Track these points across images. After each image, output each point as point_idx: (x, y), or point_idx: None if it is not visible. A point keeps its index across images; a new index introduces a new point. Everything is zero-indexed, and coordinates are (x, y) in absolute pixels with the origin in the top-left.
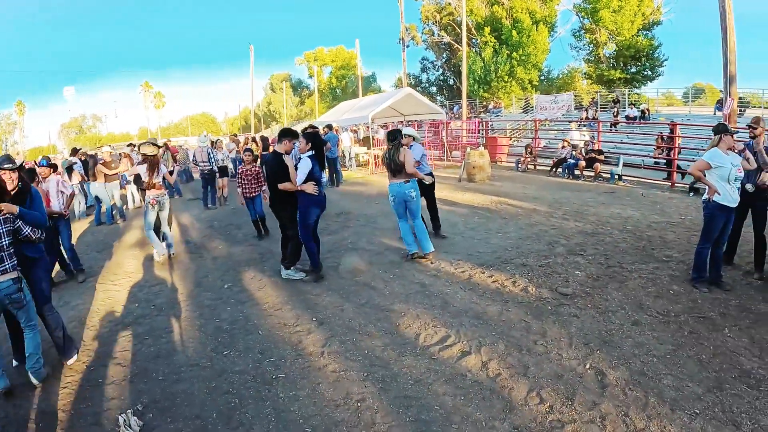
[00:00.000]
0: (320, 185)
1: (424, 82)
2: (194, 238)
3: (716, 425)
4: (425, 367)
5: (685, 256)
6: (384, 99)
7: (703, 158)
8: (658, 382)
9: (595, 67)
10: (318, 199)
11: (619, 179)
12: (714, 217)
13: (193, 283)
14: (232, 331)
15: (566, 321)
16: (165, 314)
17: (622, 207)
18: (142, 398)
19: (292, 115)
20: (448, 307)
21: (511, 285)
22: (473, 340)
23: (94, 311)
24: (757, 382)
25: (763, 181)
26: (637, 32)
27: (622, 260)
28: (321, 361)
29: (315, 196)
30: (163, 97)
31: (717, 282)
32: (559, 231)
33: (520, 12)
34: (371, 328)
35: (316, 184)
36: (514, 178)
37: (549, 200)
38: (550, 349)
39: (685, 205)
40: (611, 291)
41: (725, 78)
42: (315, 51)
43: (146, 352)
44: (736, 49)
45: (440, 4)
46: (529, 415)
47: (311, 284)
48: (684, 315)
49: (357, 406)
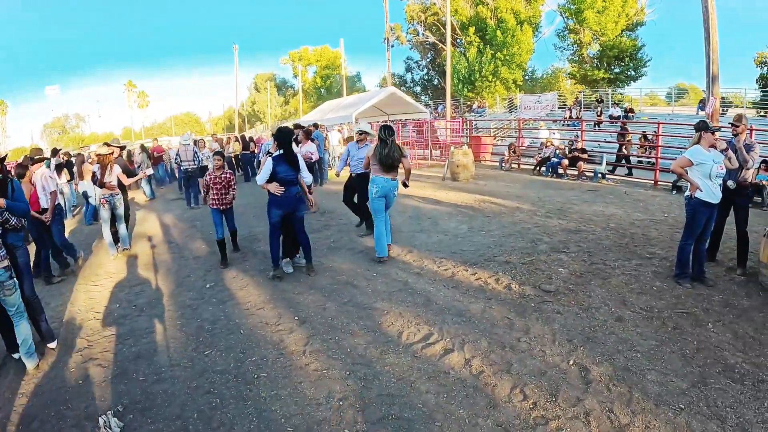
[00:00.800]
0: (291, 185)
1: (409, 82)
2: (176, 238)
3: (701, 420)
4: (408, 365)
5: (668, 253)
6: (368, 98)
7: (684, 155)
8: (642, 378)
9: (579, 67)
10: (279, 199)
11: (602, 178)
12: (696, 213)
13: (175, 283)
14: (213, 330)
15: (549, 318)
16: (146, 314)
17: (605, 205)
18: (122, 399)
19: (276, 114)
20: (431, 305)
21: (495, 282)
22: (456, 338)
23: (74, 312)
24: (742, 377)
25: (744, 177)
26: (620, 33)
27: (605, 257)
28: (303, 360)
29: (277, 196)
30: (147, 96)
31: (700, 278)
32: (543, 229)
33: (505, 12)
34: (353, 327)
35: (281, 184)
36: (498, 177)
37: (532, 198)
38: (534, 346)
39: (668, 203)
40: (594, 288)
41: (708, 77)
42: (300, 50)
43: (127, 353)
44: (719, 48)
45: (425, 4)
46: (512, 412)
47: (293, 283)
48: (667, 311)
49: (339, 404)
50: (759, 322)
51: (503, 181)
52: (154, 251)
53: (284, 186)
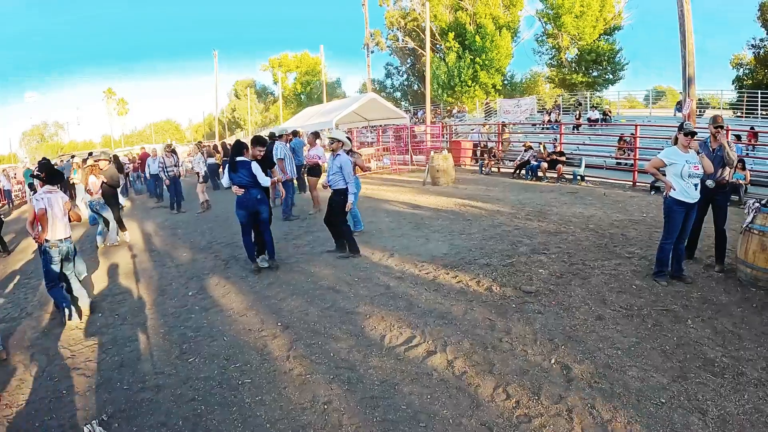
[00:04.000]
0: (249, 188)
1: (389, 88)
2: (158, 245)
3: (682, 413)
4: (391, 367)
5: (647, 252)
6: (348, 104)
7: (657, 156)
8: (623, 374)
9: (558, 71)
10: (241, 200)
11: (581, 180)
12: (672, 212)
13: (157, 291)
14: (196, 338)
15: (531, 318)
16: (129, 323)
17: (584, 206)
18: (107, 408)
19: (256, 121)
20: (413, 308)
21: (476, 285)
22: (438, 340)
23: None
24: (722, 370)
25: (723, 176)
26: (598, 37)
27: (584, 258)
28: (287, 365)
29: (239, 196)
30: (126, 104)
31: (679, 276)
32: (523, 231)
33: (484, 18)
34: (336, 331)
35: (240, 187)
36: (478, 181)
37: (512, 201)
38: (515, 346)
39: (646, 203)
40: (575, 288)
41: (684, 79)
42: (280, 57)
43: (110, 362)
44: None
45: (405, 10)
46: (496, 411)
47: (275, 289)
48: (647, 308)
49: (324, 408)
50: (738, 316)
51: (483, 184)
52: (135, 260)
53: (243, 188)
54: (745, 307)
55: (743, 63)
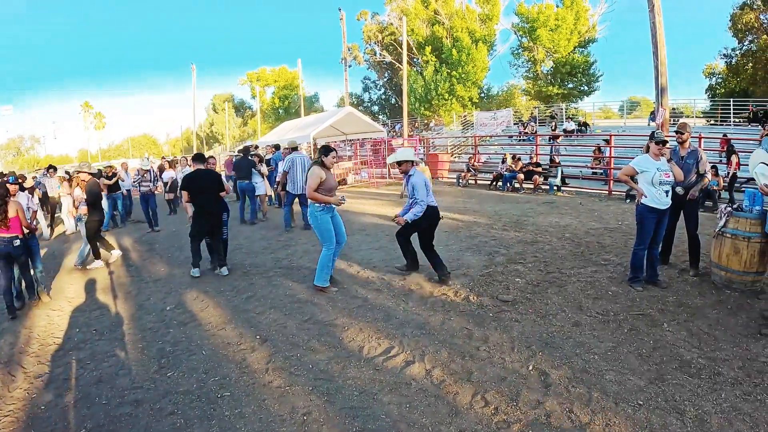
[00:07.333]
0: None
1: (367, 101)
2: (136, 261)
3: (660, 414)
4: (370, 377)
5: (623, 259)
6: (326, 118)
7: (629, 164)
8: (601, 378)
9: (534, 83)
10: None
11: (558, 190)
12: (644, 218)
13: (135, 306)
14: (175, 352)
15: (508, 326)
16: (106, 338)
17: (560, 216)
18: (85, 423)
19: (234, 136)
20: (391, 319)
21: (453, 295)
22: (416, 350)
23: (33, 337)
24: (698, 371)
25: (693, 193)
26: (573, 49)
27: (561, 266)
28: (266, 377)
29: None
30: (103, 117)
31: (654, 281)
32: (499, 241)
33: (460, 31)
34: (315, 343)
35: None
36: (456, 193)
37: (489, 213)
38: (493, 354)
39: (621, 212)
40: (551, 295)
41: (657, 89)
42: (258, 71)
43: (89, 377)
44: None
45: (382, 24)
46: (474, 418)
47: (254, 303)
48: (623, 314)
49: (303, 419)
50: (713, 318)
51: (460, 197)
52: (112, 276)
53: None
54: (719, 309)
55: (716, 72)
